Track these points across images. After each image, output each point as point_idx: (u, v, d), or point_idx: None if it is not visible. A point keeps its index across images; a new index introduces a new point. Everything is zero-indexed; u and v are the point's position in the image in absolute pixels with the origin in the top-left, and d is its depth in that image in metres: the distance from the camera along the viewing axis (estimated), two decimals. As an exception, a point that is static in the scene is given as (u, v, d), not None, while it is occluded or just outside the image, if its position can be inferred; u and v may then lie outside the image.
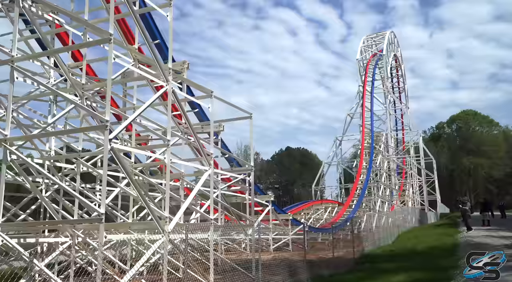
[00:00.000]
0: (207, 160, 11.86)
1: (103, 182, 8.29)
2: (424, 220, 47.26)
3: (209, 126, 18.23)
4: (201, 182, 11.78)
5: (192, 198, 11.26)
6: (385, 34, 60.76)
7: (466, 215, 24.15)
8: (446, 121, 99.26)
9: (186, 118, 11.60)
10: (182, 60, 15.18)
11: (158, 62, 10.56)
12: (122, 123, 9.53)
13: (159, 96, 11.05)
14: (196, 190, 11.57)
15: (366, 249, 20.30)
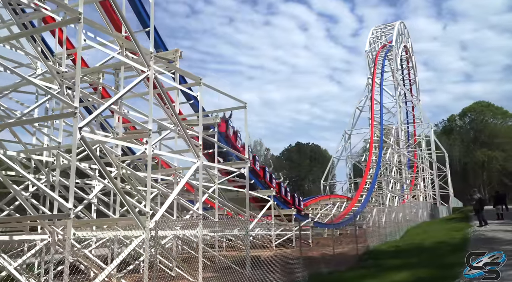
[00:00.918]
0: (195, 151, 11.14)
1: (71, 175, 7.60)
2: (436, 214, 46.22)
3: (205, 118, 17.60)
4: (188, 175, 11.07)
5: (177, 192, 10.53)
6: (395, 24, 59.46)
7: (478, 208, 23.16)
8: (459, 114, 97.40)
9: (171, 107, 10.87)
10: (175, 49, 14.45)
11: (138, 46, 9.83)
12: (94, 112, 8.85)
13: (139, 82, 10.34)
14: (182, 184, 10.85)
15: (372, 244, 19.51)
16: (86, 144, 7.90)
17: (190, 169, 11.26)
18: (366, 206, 37.28)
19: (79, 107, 8.03)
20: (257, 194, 21.41)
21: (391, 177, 46.09)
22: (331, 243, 25.38)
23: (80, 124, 7.79)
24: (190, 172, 11.15)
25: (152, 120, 9.63)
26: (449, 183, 64.67)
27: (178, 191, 13.37)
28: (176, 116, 10.96)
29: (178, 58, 14.58)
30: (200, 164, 11.17)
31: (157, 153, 10.04)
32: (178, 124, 11.00)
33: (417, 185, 57.79)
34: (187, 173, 18.56)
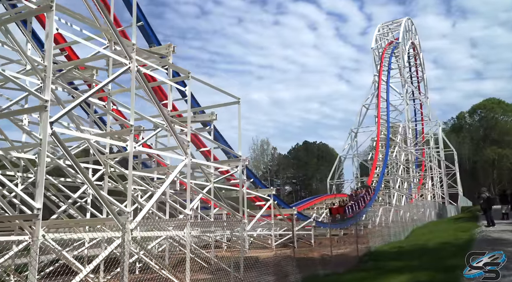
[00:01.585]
0: (183, 148, 10.62)
1: (40, 173, 7.12)
2: (444, 214, 45.36)
3: (202, 115, 17.12)
4: (175, 173, 10.55)
5: (163, 190, 10.01)
6: (401, 21, 58.55)
7: (486, 208, 22.41)
8: (468, 111, 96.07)
9: (156, 102, 10.35)
10: (168, 43, 13.98)
11: (119, 37, 9.32)
12: (67, 107, 8.36)
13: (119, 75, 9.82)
14: (168, 182, 10.33)
15: (375, 245, 18.90)
16: (58, 140, 7.42)
17: (177, 167, 10.74)
18: (372, 205, 36.60)
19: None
20: (256, 193, 20.91)
21: (398, 176, 45.32)
22: (335, 243, 24.86)
23: (51, 119, 7.31)
24: (177, 170, 10.63)
25: (134, 115, 9.10)
26: (458, 181, 63.65)
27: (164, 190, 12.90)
28: (163, 112, 10.44)
29: (171, 53, 14.08)
30: (188, 161, 10.64)
31: (140, 150, 9.53)
32: (166, 122, 10.48)
33: (425, 184, 56.92)
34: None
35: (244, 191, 19.14)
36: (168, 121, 10.55)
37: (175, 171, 10.66)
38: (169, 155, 11.90)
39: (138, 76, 13.75)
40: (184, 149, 10.61)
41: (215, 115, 16.20)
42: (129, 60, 9.34)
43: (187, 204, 10.60)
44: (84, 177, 7.75)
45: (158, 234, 9.33)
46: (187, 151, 10.65)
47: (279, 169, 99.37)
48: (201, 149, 18.33)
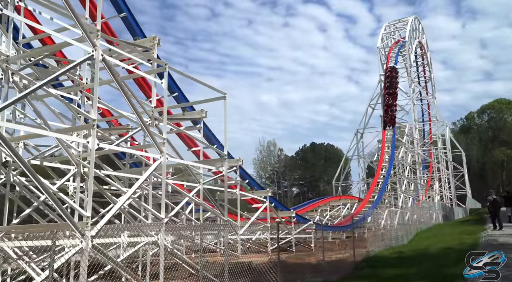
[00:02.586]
0: (158, 146, 9.88)
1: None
2: (451, 216, 44.30)
3: (191, 112, 16.37)
4: (149, 172, 9.81)
5: (131, 192, 9.28)
6: (408, 20, 57.48)
7: (492, 210, 21.50)
8: (477, 111, 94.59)
9: (126, 96, 9.61)
10: (152, 36, 13.23)
11: (79, 21, 8.54)
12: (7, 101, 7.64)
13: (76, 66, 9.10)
14: (140, 182, 9.59)
15: (374, 250, 18.09)
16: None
17: (151, 166, 10.00)
18: (377, 207, 35.67)
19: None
20: (251, 194, 20.15)
21: (404, 177, 44.29)
22: (336, 247, 24.02)
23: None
24: (150, 170, 9.88)
25: (96, 109, 8.35)
26: (466, 183, 62.41)
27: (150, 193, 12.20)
28: (134, 107, 9.70)
29: (156, 46, 13.35)
30: (164, 160, 9.89)
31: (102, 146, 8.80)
32: (139, 118, 9.75)
33: (432, 185, 55.80)
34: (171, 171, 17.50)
35: (238, 192, 18.45)
36: (140, 117, 9.81)
37: (148, 171, 9.92)
38: (143, 154, 11.09)
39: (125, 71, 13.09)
40: (159, 147, 9.86)
41: (204, 112, 15.46)
42: (92, 47, 8.57)
43: (161, 207, 9.83)
44: (33, 178, 7.03)
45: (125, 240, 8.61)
46: (162, 149, 9.89)
47: (285, 170, 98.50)
48: (193, 149, 17.59)
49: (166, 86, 11.08)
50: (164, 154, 9.89)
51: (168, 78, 16.09)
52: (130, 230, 9.05)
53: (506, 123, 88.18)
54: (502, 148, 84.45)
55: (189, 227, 12.25)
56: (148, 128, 9.95)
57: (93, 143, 7.93)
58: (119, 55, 13.14)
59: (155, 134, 10.47)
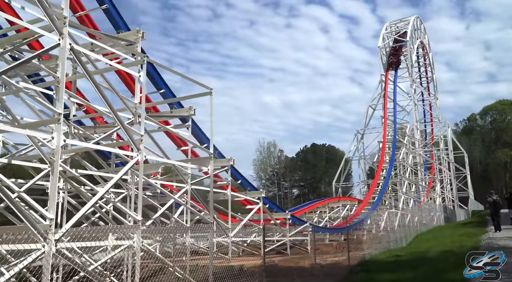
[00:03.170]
0: (135, 143, 9.25)
1: None
2: (452, 218, 43.56)
3: (180, 110, 15.74)
4: (123, 171, 9.17)
5: (103, 193, 8.64)
6: (410, 19, 56.75)
7: (493, 212, 20.83)
8: (479, 113, 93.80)
9: (99, 90, 8.98)
10: (136, 29, 12.59)
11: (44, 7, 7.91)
12: None
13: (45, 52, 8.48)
14: (113, 181, 8.96)
15: (372, 253, 17.44)
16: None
17: (127, 165, 9.37)
18: (377, 209, 34.99)
19: None
20: (243, 195, 19.52)
21: (405, 178, 43.58)
22: (333, 250, 23.35)
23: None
24: (125, 169, 9.26)
25: (62, 103, 7.72)
26: (468, 184, 61.58)
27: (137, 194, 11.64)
28: (107, 102, 9.07)
29: (140, 40, 12.72)
30: (141, 158, 9.26)
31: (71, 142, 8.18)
32: (114, 114, 9.13)
33: (434, 187, 55.04)
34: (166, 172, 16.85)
35: (228, 193, 17.84)
36: (114, 112, 9.18)
37: (123, 170, 9.29)
38: (121, 152, 10.40)
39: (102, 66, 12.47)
40: (136, 144, 9.23)
41: (193, 110, 14.82)
42: (59, 36, 7.94)
43: (138, 207, 9.20)
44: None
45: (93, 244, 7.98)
46: (139, 146, 9.26)
47: (286, 171, 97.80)
48: (182, 148, 16.95)
49: (144, 79, 10.45)
50: (141, 151, 9.27)
51: (155, 74, 15.60)
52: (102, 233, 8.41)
53: (509, 125, 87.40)
54: (505, 149, 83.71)
55: (166, 230, 11.56)
56: (123, 124, 9.33)
57: (58, 139, 7.32)
58: (101, 49, 12.61)
59: (132, 130, 9.83)
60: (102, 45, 12.08)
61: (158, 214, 12.94)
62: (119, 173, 9.15)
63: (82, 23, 13.88)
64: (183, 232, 12.17)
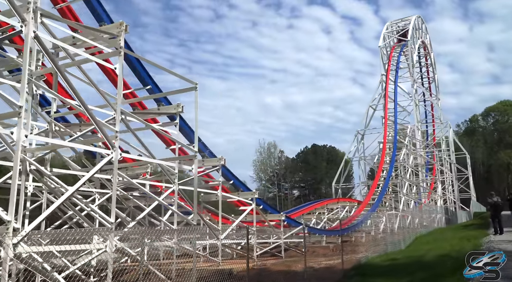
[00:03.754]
0: (109, 140, 8.65)
1: None
2: (454, 220, 42.85)
3: (166, 106, 15.17)
4: (95, 169, 8.57)
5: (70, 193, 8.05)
6: (411, 18, 56.13)
7: (493, 214, 20.15)
8: (481, 113, 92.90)
9: (68, 83, 8.38)
10: (119, 21, 12.00)
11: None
12: None
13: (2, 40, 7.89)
14: (84, 179, 8.36)
15: (369, 256, 16.82)
16: None
17: (100, 162, 8.78)
18: (377, 210, 34.35)
19: None
20: (235, 196, 18.94)
21: (405, 179, 42.90)
22: (329, 252, 22.74)
23: None
24: (97, 167, 8.66)
25: (23, 96, 7.12)
26: (470, 186, 60.81)
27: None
28: (77, 96, 8.48)
29: (123, 33, 12.12)
30: (116, 156, 8.66)
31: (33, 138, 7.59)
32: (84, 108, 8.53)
33: (436, 188, 54.32)
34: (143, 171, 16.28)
35: (219, 193, 17.26)
36: (85, 106, 8.59)
37: (94, 168, 8.70)
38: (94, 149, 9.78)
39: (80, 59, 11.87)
40: (109, 141, 8.64)
41: (181, 107, 14.24)
42: (21, 22, 7.33)
43: (112, 209, 8.60)
44: None
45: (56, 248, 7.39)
46: (114, 143, 8.66)
47: (286, 172, 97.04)
48: (171, 147, 16.37)
49: (120, 72, 9.81)
50: (116, 149, 8.66)
51: (141, 70, 15.02)
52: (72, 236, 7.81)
53: (511, 126, 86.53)
54: (508, 150, 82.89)
55: (138, 232, 10.90)
56: (95, 118, 8.73)
57: (18, 134, 6.75)
58: (83, 43, 12.05)
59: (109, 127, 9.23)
60: (83, 39, 11.54)
61: (141, 215, 12.37)
62: (90, 172, 8.56)
63: (64, 16, 13.34)
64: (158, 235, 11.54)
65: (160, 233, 11.58)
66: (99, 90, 10.89)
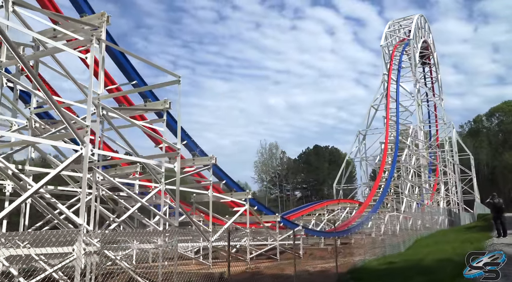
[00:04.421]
0: (78, 135, 8.02)
1: None
2: (457, 222, 42.06)
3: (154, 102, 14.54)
4: (63, 165, 7.94)
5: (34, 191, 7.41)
6: (413, 17, 55.36)
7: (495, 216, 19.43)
8: (485, 114, 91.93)
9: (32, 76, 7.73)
10: (101, 12, 11.39)
11: None
12: None
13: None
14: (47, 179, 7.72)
15: (366, 259, 16.17)
16: None
17: (69, 158, 8.15)
18: (378, 212, 33.64)
19: None
20: (229, 197, 18.29)
21: (407, 180, 42.12)
22: (328, 255, 22.03)
23: None
24: (65, 164, 8.03)
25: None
26: (474, 187, 59.89)
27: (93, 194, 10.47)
28: (43, 90, 7.84)
29: (105, 24, 11.51)
30: (86, 152, 8.02)
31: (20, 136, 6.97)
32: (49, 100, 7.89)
33: (439, 189, 53.45)
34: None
35: (210, 194, 16.62)
36: (53, 102, 7.95)
37: (61, 165, 8.07)
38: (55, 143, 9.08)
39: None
40: (79, 137, 8.00)
41: (168, 103, 13.58)
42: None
43: (80, 210, 7.95)
44: None
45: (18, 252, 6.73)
46: (84, 139, 8.02)
47: (288, 173, 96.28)
48: (160, 145, 15.73)
49: (91, 61, 9.16)
50: (86, 144, 8.01)
51: (125, 64, 14.39)
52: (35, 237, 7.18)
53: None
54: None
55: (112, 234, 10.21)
56: (61, 111, 8.10)
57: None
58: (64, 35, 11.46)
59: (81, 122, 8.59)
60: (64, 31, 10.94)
61: (124, 217, 11.71)
62: (57, 168, 7.93)
63: (44, 7, 12.76)
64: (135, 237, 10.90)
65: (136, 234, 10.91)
66: (76, 82, 10.30)
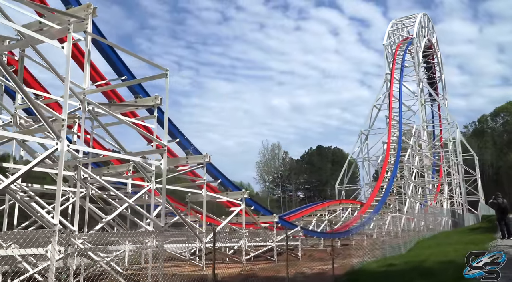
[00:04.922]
0: (52, 129, 7.53)
1: None
2: (461, 223, 41.41)
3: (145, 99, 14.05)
4: (33, 163, 7.45)
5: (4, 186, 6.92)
6: (416, 16, 54.75)
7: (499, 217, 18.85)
8: (490, 114, 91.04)
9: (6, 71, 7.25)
10: (86, 4, 10.92)
11: None
12: None
13: None
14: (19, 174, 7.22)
15: (364, 261, 15.65)
16: None
17: (42, 154, 7.67)
18: (380, 212, 33.08)
19: None
20: (225, 197, 17.80)
21: (410, 181, 41.53)
22: (327, 256, 21.51)
23: None
24: (37, 160, 7.53)
25: None
26: (479, 188, 59.15)
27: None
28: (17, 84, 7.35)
29: (91, 16, 11.04)
30: (62, 147, 7.51)
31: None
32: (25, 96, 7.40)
33: (442, 190, 52.80)
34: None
35: (204, 193, 16.13)
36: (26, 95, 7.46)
37: (33, 162, 7.57)
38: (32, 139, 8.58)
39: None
40: (54, 131, 7.49)
41: (159, 99, 13.10)
42: None
43: (56, 208, 7.46)
44: None
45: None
46: (59, 133, 7.51)
47: (291, 174, 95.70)
48: (152, 143, 15.26)
49: (68, 52, 8.63)
50: (62, 139, 7.50)
51: (115, 59, 13.91)
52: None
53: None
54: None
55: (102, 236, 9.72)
56: (36, 106, 7.61)
57: None
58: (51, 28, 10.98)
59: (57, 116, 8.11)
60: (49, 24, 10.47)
61: (110, 217, 11.22)
62: (29, 164, 7.45)
63: (30, -1, 12.29)
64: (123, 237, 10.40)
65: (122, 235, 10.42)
66: (59, 75, 9.83)
